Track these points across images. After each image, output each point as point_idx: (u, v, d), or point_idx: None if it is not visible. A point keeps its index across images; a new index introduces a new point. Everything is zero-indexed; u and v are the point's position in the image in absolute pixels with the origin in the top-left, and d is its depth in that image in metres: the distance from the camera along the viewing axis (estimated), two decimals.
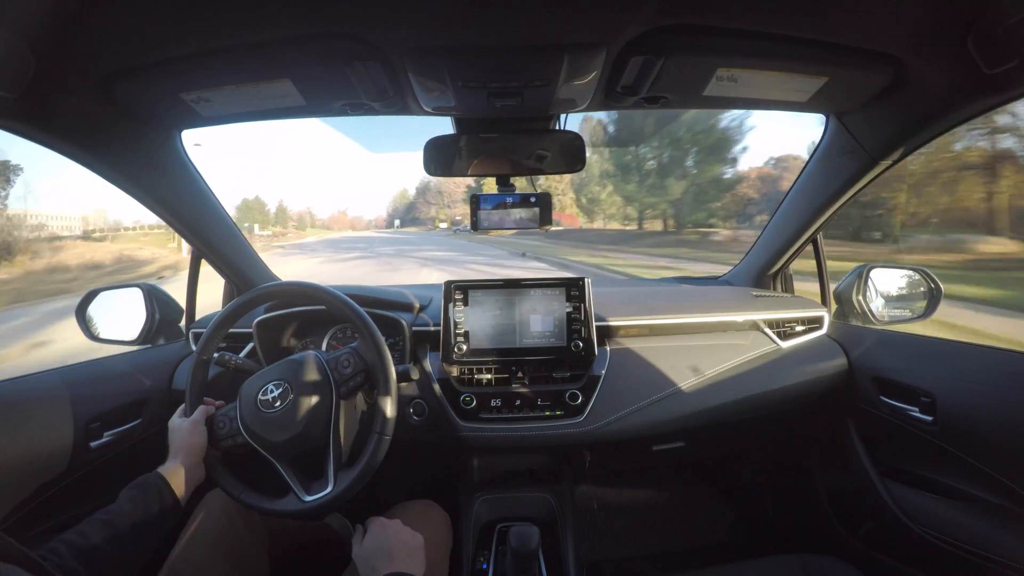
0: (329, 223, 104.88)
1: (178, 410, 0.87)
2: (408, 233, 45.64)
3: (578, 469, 1.36)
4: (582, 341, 1.11)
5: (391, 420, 0.83)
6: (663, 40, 0.74)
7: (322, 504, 0.79)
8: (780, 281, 1.47)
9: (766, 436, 1.50)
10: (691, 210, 22.78)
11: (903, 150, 0.99)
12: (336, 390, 0.83)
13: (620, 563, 1.52)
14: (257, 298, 0.91)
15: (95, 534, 0.64)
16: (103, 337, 1.24)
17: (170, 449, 0.81)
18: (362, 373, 0.86)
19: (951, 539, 0.93)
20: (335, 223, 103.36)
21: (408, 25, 0.69)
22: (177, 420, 0.84)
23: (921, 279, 1.28)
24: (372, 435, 0.82)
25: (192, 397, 0.87)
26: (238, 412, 0.83)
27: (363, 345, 0.87)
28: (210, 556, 0.81)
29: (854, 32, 0.73)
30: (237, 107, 0.90)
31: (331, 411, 0.82)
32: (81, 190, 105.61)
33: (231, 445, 0.83)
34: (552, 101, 0.92)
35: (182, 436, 0.80)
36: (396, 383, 0.85)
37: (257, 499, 0.82)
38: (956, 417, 0.95)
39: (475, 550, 1.18)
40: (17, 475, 0.86)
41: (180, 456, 0.78)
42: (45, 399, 0.95)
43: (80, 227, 50.11)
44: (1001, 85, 0.74)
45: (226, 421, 0.84)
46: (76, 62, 0.70)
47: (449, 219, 68.71)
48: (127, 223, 45.53)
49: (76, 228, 50.35)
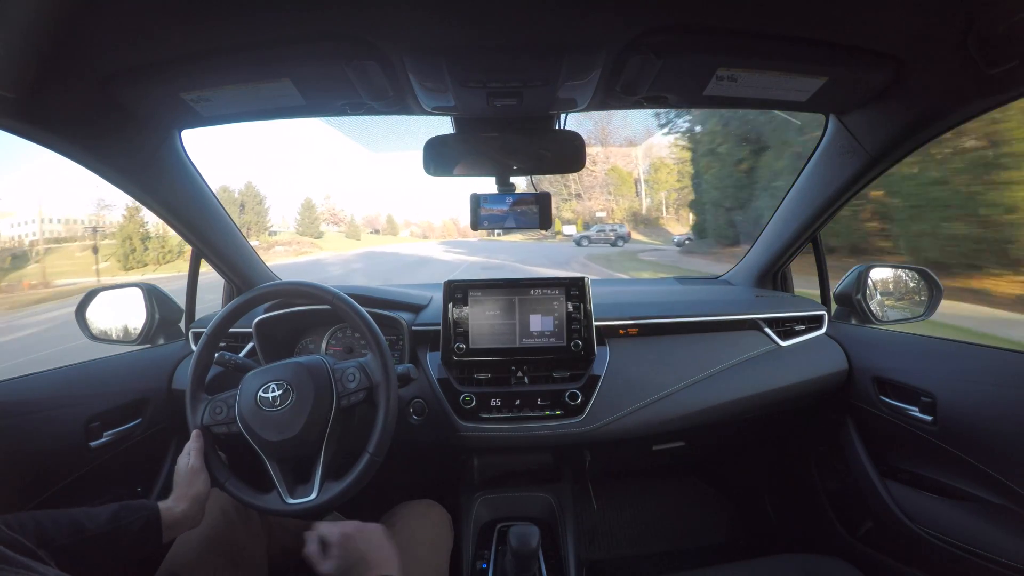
0: (424, 230, 70.53)
1: (185, 448, 0.84)
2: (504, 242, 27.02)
3: (578, 469, 1.36)
4: (582, 341, 1.11)
5: (385, 443, 0.82)
6: (663, 40, 0.73)
7: (302, 510, 0.79)
8: (780, 280, 1.47)
9: (766, 436, 1.50)
10: None
11: (903, 150, 0.99)
12: (337, 401, 0.82)
13: (620, 563, 1.52)
14: (258, 297, 0.91)
15: (64, 529, 0.64)
16: (103, 337, 1.25)
17: (175, 488, 0.79)
18: (365, 390, 0.85)
19: (951, 539, 0.93)
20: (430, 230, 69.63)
21: (408, 25, 0.69)
22: (184, 461, 0.81)
23: (921, 279, 1.28)
24: (364, 454, 0.81)
25: (191, 400, 0.86)
26: (236, 403, 0.82)
27: (370, 361, 0.86)
28: (208, 556, 0.80)
29: (854, 32, 0.73)
30: (237, 107, 0.91)
31: (328, 420, 0.81)
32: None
33: (224, 432, 0.83)
34: (552, 101, 0.92)
35: (185, 484, 0.78)
36: (395, 410, 0.84)
37: (239, 489, 0.82)
38: (956, 417, 0.95)
39: (475, 550, 1.18)
40: (17, 475, 0.86)
41: (182, 504, 0.76)
42: (45, 399, 0.95)
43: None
44: (1001, 85, 0.74)
45: (223, 408, 0.83)
46: (76, 62, 0.70)
47: (584, 217, 35.16)
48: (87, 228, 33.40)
49: None
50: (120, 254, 28.14)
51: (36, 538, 0.59)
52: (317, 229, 44.23)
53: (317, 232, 43.96)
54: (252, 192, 36.69)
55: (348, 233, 50.24)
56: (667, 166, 34.68)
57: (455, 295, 1.13)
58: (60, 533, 0.63)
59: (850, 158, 1.06)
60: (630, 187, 36.21)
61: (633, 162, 37.46)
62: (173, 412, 1.16)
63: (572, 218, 37.97)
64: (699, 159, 12.24)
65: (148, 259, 28.27)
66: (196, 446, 0.82)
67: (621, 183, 35.83)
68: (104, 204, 32.93)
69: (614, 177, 36.06)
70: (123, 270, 27.47)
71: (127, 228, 28.72)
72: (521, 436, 1.07)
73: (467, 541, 1.19)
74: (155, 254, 28.60)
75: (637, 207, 35.89)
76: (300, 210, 44.24)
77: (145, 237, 28.67)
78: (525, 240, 30.03)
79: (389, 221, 65.93)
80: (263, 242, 35.62)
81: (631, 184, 36.14)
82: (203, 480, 0.80)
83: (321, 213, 49.28)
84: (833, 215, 1.22)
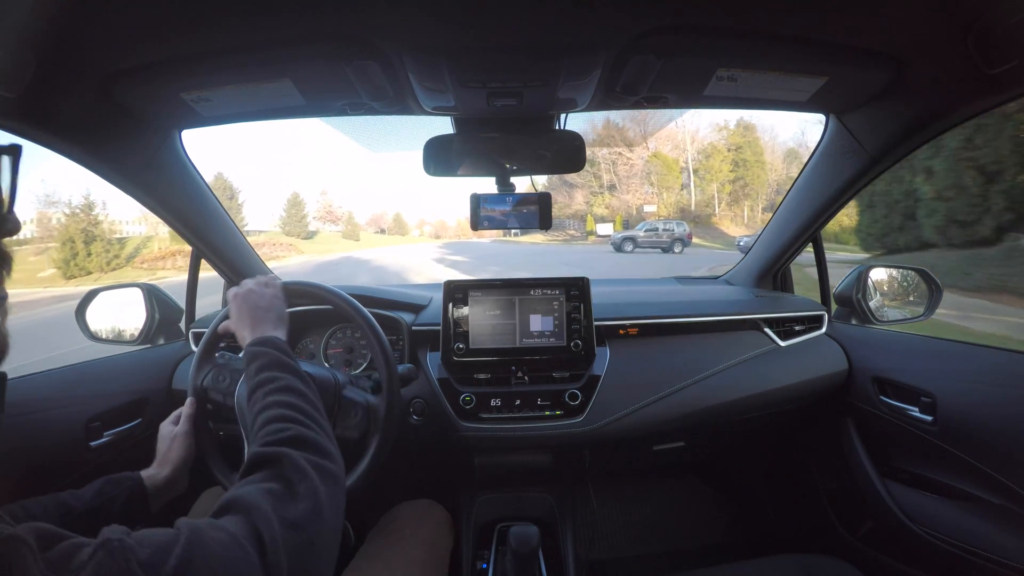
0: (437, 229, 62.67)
1: (171, 416, 0.85)
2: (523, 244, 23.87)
3: (578, 469, 1.36)
4: (582, 341, 1.11)
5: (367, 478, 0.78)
6: (663, 40, 0.73)
7: None
8: (780, 280, 1.48)
9: (766, 436, 1.50)
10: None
11: (903, 150, 0.99)
12: (334, 423, 0.80)
13: (620, 563, 1.52)
14: None
15: (52, 512, 0.64)
16: (103, 337, 1.25)
17: (157, 455, 0.79)
18: (362, 434, 0.81)
19: (951, 539, 0.93)
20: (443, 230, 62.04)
21: (408, 25, 0.69)
22: (167, 427, 0.82)
23: (921, 279, 1.28)
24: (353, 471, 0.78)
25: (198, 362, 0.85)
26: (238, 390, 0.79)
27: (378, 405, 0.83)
28: None
29: (854, 32, 0.73)
30: (237, 107, 0.91)
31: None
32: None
33: (219, 402, 0.82)
34: (552, 101, 0.92)
35: (168, 448, 0.79)
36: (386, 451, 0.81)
37: (222, 472, 0.81)
38: (956, 417, 0.95)
39: (475, 550, 1.18)
40: (17, 475, 0.86)
41: (166, 469, 0.76)
42: (45, 399, 0.95)
43: None
44: (1001, 85, 0.74)
45: (227, 377, 0.82)
46: (76, 62, 0.70)
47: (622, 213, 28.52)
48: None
49: None
50: (60, 260, 22.47)
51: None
52: (305, 228, 37.39)
53: (305, 231, 37.16)
54: (222, 185, 30.25)
55: (346, 233, 43.88)
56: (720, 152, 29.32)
57: (455, 295, 1.13)
58: (49, 517, 0.63)
59: (850, 158, 1.06)
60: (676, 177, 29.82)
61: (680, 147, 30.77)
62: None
63: (606, 214, 30.05)
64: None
65: (92, 265, 22.77)
66: (188, 412, 0.82)
67: (666, 172, 29.50)
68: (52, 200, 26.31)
69: (657, 165, 29.60)
70: (64, 278, 21.68)
71: (70, 229, 23.03)
72: (521, 436, 1.07)
73: (467, 541, 1.19)
74: (99, 260, 22.98)
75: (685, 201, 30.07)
76: (286, 206, 36.50)
77: (89, 240, 23.07)
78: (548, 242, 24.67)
79: (397, 220, 58.98)
80: None
81: (677, 173, 29.88)
82: (188, 445, 0.79)
83: (317, 210, 43.25)
84: (833, 215, 1.22)
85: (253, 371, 0.66)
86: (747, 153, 29.47)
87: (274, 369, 0.65)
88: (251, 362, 0.67)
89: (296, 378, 0.64)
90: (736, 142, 29.76)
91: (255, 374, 0.65)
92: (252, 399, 0.63)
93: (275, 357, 0.67)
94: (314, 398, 0.64)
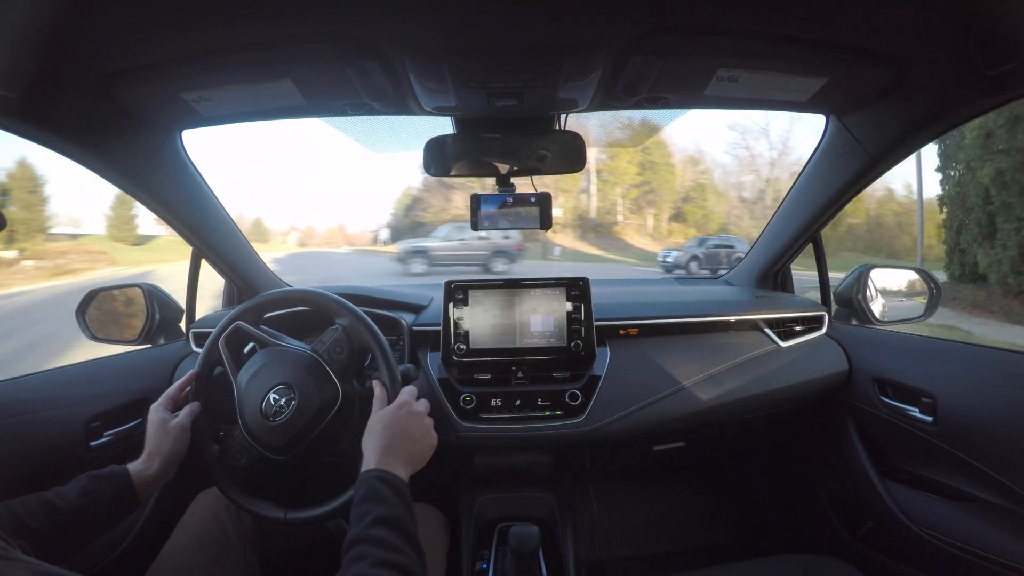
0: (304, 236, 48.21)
1: (160, 401, 0.79)
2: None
3: (578, 469, 1.36)
4: (582, 341, 1.11)
5: None
6: (663, 40, 0.73)
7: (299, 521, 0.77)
8: (780, 281, 1.48)
9: (766, 436, 1.50)
10: None
11: (903, 150, 0.99)
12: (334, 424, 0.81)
13: (620, 563, 1.52)
14: (262, 305, 0.89)
15: (37, 512, 0.63)
16: (103, 337, 1.24)
17: (146, 446, 0.74)
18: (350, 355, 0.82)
19: (951, 539, 0.93)
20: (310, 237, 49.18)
21: (409, 25, 0.69)
22: (158, 416, 0.77)
23: (921, 279, 1.28)
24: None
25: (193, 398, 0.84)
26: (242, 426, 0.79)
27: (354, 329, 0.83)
28: (197, 558, 0.79)
29: (854, 32, 0.73)
30: (238, 107, 0.91)
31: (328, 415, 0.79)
32: None
33: (245, 464, 0.80)
34: (552, 101, 0.93)
35: (161, 439, 0.74)
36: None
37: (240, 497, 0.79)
38: (956, 417, 0.95)
39: (475, 550, 1.18)
40: (17, 475, 0.86)
41: (156, 463, 0.73)
42: (45, 399, 0.95)
43: None
44: (1002, 85, 0.74)
45: (235, 444, 0.81)
46: (76, 62, 0.70)
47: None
48: None
49: None
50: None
51: (12, 527, 0.58)
52: (134, 231, 27.28)
53: (134, 236, 27.14)
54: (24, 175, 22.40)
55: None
56: (628, 151, 22.89)
57: (455, 295, 1.13)
58: (34, 517, 0.62)
59: (850, 159, 1.06)
60: (574, 178, 23.63)
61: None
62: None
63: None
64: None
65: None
66: (190, 409, 0.80)
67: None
68: None
69: None
70: None
71: None
72: (521, 436, 1.07)
73: (467, 541, 1.19)
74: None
75: (584, 207, 25.76)
76: (113, 205, 26.60)
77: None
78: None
79: (257, 225, 46.24)
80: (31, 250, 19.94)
81: (576, 177, 23.76)
82: (183, 440, 0.76)
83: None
84: (833, 215, 1.22)
85: (364, 512, 0.58)
86: (655, 155, 25.86)
87: (389, 528, 0.56)
88: (368, 498, 0.60)
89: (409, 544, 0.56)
90: (644, 142, 27.73)
91: (364, 517, 0.57)
92: (352, 549, 0.54)
93: (398, 513, 0.59)
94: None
